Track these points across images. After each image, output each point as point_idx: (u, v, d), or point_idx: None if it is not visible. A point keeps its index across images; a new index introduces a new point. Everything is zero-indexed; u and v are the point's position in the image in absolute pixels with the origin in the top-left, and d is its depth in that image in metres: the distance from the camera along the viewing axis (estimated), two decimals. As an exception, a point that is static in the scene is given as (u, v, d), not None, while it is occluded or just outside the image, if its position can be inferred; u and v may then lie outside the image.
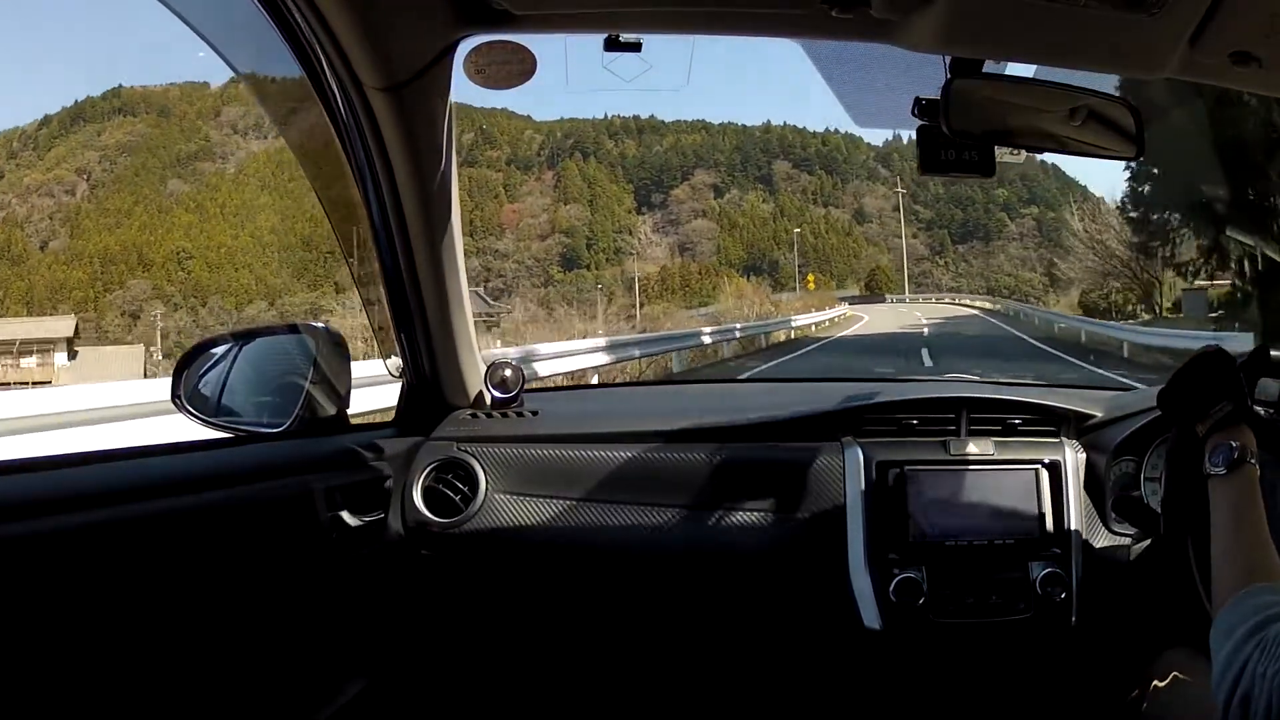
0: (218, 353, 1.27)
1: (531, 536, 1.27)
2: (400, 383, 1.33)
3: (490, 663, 1.36)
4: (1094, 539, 1.25)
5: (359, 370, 1.28)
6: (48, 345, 31.29)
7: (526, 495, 1.28)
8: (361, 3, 0.90)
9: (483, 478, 1.26)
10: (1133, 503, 1.24)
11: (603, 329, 26.15)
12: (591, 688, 1.39)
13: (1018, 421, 1.31)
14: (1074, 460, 1.27)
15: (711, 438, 1.31)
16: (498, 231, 55.35)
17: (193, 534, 0.88)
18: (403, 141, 1.06)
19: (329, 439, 1.16)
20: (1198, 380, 0.98)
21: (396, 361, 1.30)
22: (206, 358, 1.26)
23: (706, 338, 14.26)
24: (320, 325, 1.18)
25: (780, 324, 21.21)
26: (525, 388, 1.37)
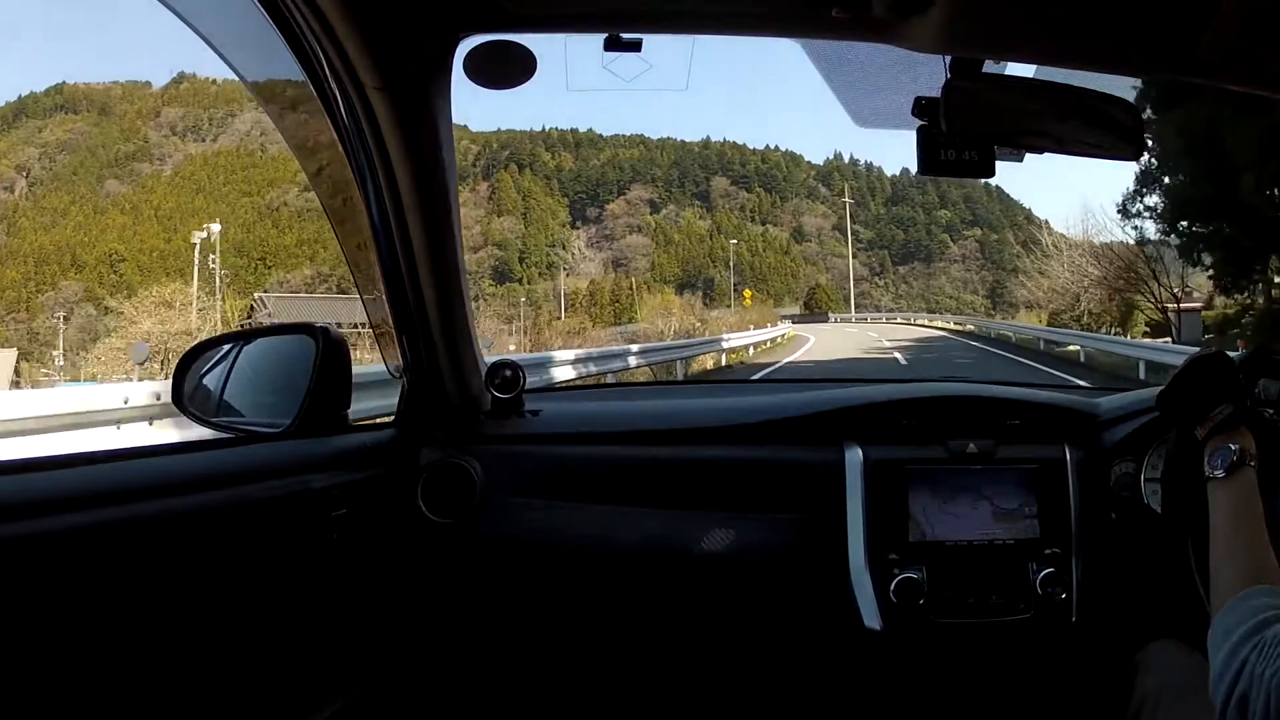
0: (218, 353, 1.28)
1: (532, 537, 1.27)
2: (400, 383, 1.33)
3: (490, 663, 1.35)
4: (1094, 539, 1.25)
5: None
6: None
7: (527, 496, 1.28)
8: (362, 3, 0.90)
9: (483, 478, 1.26)
10: (1133, 503, 1.24)
11: (514, 346, 24.41)
12: (592, 688, 1.39)
13: (1018, 422, 1.31)
14: (1074, 460, 1.27)
15: (712, 439, 1.31)
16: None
17: (193, 534, 0.88)
18: (403, 141, 1.06)
19: (330, 439, 1.16)
20: (1197, 382, 0.98)
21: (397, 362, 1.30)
22: (207, 358, 1.27)
23: (569, 368, 9.46)
24: (321, 326, 1.18)
25: (706, 345, 16.81)
26: (525, 388, 1.37)
